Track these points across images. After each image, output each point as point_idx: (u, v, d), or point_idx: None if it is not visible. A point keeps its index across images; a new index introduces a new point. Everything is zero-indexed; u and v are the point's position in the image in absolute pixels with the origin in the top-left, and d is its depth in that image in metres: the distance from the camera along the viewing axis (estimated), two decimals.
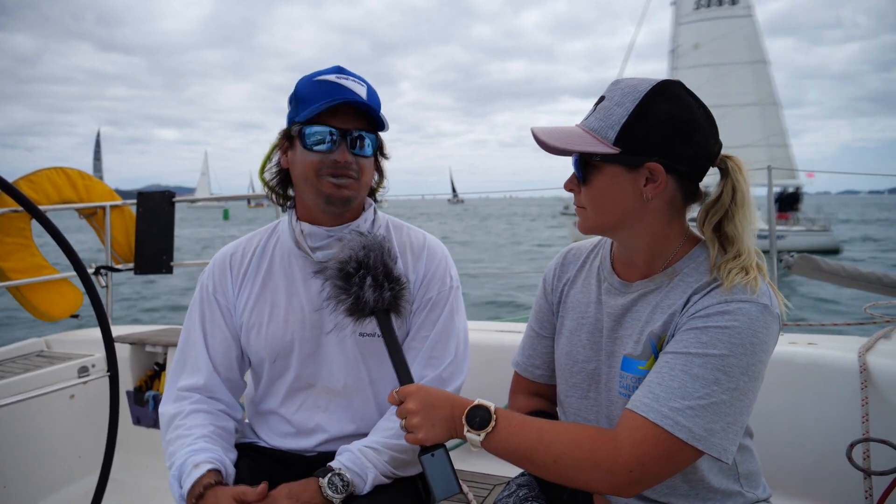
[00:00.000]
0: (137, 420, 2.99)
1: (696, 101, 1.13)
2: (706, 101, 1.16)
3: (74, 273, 1.82)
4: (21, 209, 2.86)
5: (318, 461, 1.36)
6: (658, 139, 1.08)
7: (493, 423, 1.09)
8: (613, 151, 1.09)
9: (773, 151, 26.35)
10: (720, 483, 1.18)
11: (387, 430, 1.36)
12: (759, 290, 1.07)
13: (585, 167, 1.14)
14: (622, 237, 1.19)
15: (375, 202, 1.53)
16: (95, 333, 2.96)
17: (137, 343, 3.00)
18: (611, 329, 1.22)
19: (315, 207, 1.40)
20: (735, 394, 1.02)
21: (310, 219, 1.43)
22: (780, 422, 1.99)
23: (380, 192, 1.55)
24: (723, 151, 1.15)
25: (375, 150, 1.44)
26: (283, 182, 1.47)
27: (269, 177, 1.47)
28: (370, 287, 1.22)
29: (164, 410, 1.42)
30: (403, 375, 1.21)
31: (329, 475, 1.25)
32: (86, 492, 2.11)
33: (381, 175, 1.52)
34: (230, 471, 1.32)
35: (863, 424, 1.83)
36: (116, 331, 3.12)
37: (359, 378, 1.43)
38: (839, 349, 2.06)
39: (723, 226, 1.14)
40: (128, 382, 2.99)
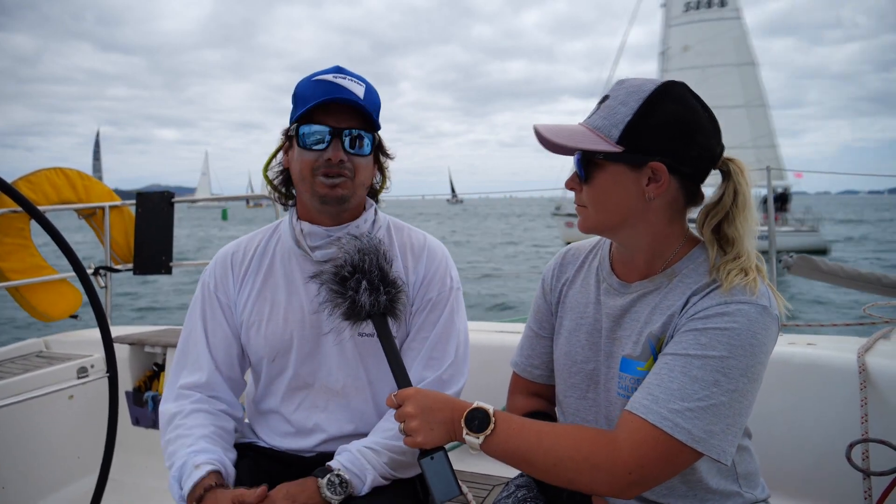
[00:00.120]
0: (136, 420, 2.99)
1: (700, 103, 1.13)
2: None
3: (73, 273, 1.82)
4: (20, 209, 2.86)
5: (317, 461, 1.35)
6: (662, 139, 1.08)
7: (492, 426, 1.09)
8: (617, 150, 1.09)
9: (762, 153, 26.48)
10: (719, 484, 1.18)
11: (386, 431, 1.35)
12: (759, 292, 1.07)
13: (588, 165, 1.13)
14: (622, 237, 1.19)
15: (377, 203, 1.53)
16: (94, 334, 2.96)
17: (137, 343, 3.00)
18: (609, 330, 1.22)
19: (312, 207, 1.40)
20: (734, 395, 1.02)
21: (309, 218, 1.43)
22: (780, 422, 1.99)
23: (382, 193, 1.55)
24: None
25: (375, 150, 1.43)
26: (286, 182, 1.48)
27: (273, 176, 1.48)
28: (365, 291, 1.22)
29: (165, 409, 1.41)
30: (401, 378, 1.20)
31: (328, 475, 1.25)
32: (85, 492, 2.11)
33: (384, 175, 1.52)
34: (231, 472, 1.32)
35: (862, 425, 1.83)
36: (115, 331, 3.12)
37: (357, 378, 1.43)
38: (838, 350, 2.05)
39: (722, 228, 1.14)
40: (127, 383, 2.99)
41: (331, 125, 1.33)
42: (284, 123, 1.43)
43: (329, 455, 1.35)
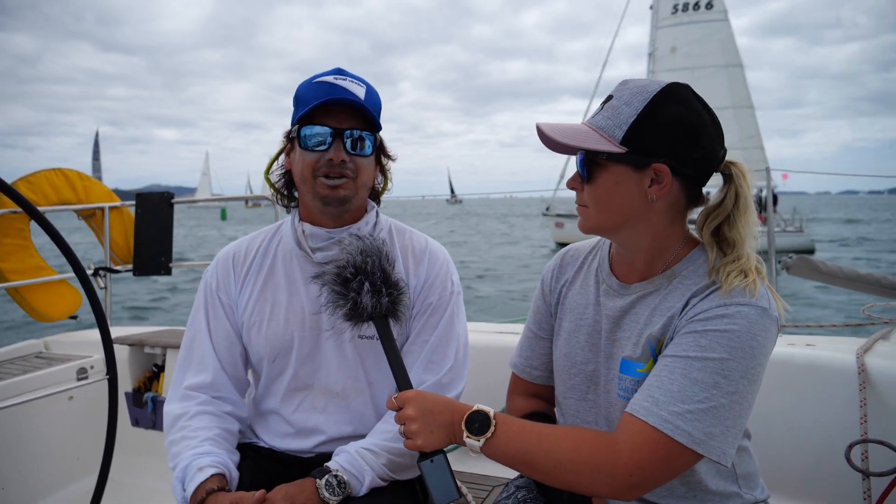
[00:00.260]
0: (136, 421, 2.98)
1: (704, 105, 1.12)
2: None
3: (73, 274, 1.82)
4: (20, 210, 2.85)
5: (317, 462, 1.35)
6: (666, 140, 1.08)
7: (493, 429, 1.09)
8: (620, 151, 1.09)
9: (749, 153, 26.58)
10: (718, 485, 1.18)
11: (385, 433, 1.35)
12: (758, 294, 1.07)
13: (590, 165, 1.13)
14: (623, 237, 1.19)
15: (378, 204, 1.53)
16: (94, 335, 2.96)
17: (136, 344, 3.00)
18: (609, 331, 1.22)
19: (314, 208, 1.41)
20: (734, 397, 1.02)
21: (311, 219, 1.43)
22: (779, 423, 1.99)
23: (384, 195, 1.55)
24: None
25: (377, 151, 1.44)
26: (288, 184, 1.48)
27: (275, 178, 1.48)
28: (368, 293, 1.22)
29: (169, 410, 1.41)
30: (402, 381, 1.20)
31: (326, 476, 1.25)
32: (84, 493, 2.11)
33: (385, 176, 1.52)
34: (234, 475, 1.32)
35: (861, 425, 1.83)
36: (115, 332, 3.12)
37: (357, 380, 1.43)
38: (837, 350, 2.05)
39: (722, 230, 1.14)
40: (126, 384, 2.98)
41: (332, 126, 1.33)
42: (284, 123, 1.43)
43: (328, 456, 1.35)
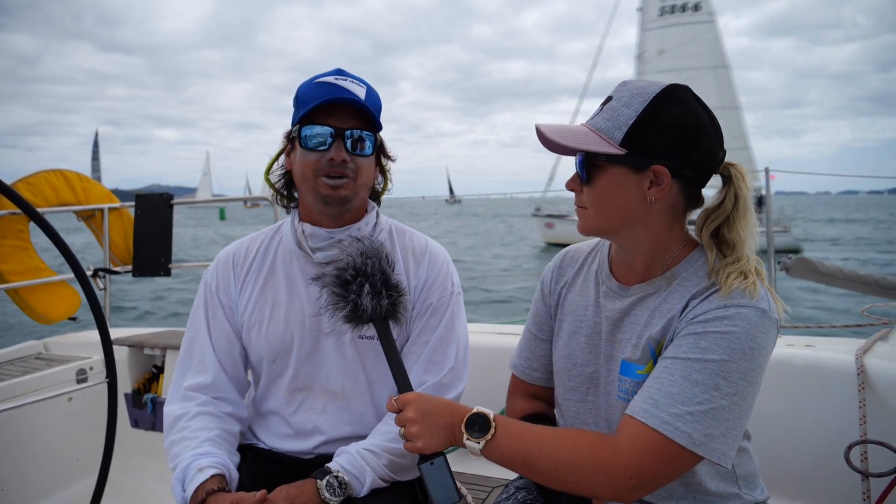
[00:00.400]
0: (135, 423, 2.98)
1: (703, 107, 1.12)
2: None
3: (72, 275, 1.81)
4: (19, 211, 2.85)
5: (317, 463, 1.36)
6: (666, 142, 1.08)
7: (493, 431, 1.09)
8: (620, 152, 1.09)
9: (735, 154, 26.67)
10: (718, 486, 1.18)
11: (386, 434, 1.35)
12: (758, 295, 1.07)
13: (590, 167, 1.13)
14: (622, 239, 1.18)
15: (378, 205, 1.53)
16: (93, 336, 2.96)
17: (136, 345, 3.00)
18: (609, 332, 1.22)
19: (314, 208, 1.41)
20: (734, 399, 1.02)
21: (311, 220, 1.43)
22: (778, 424, 1.99)
23: (384, 195, 1.55)
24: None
25: (377, 151, 1.44)
26: (289, 184, 1.48)
27: (275, 179, 1.48)
28: (368, 294, 1.22)
29: (169, 410, 1.41)
30: (402, 383, 1.20)
31: (327, 477, 1.25)
32: (84, 494, 2.11)
33: (385, 177, 1.52)
34: (234, 476, 1.32)
35: (860, 426, 1.83)
36: (115, 333, 3.12)
37: (357, 381, 1.43)
38: (837, 351, 2.05)
39: (722, 231, 1.14)
40: (126, 385, 2.98)
41: (333, 126, 1.33)
42: (284, 124, 1.43)
43: (328, 457, 1.35)
